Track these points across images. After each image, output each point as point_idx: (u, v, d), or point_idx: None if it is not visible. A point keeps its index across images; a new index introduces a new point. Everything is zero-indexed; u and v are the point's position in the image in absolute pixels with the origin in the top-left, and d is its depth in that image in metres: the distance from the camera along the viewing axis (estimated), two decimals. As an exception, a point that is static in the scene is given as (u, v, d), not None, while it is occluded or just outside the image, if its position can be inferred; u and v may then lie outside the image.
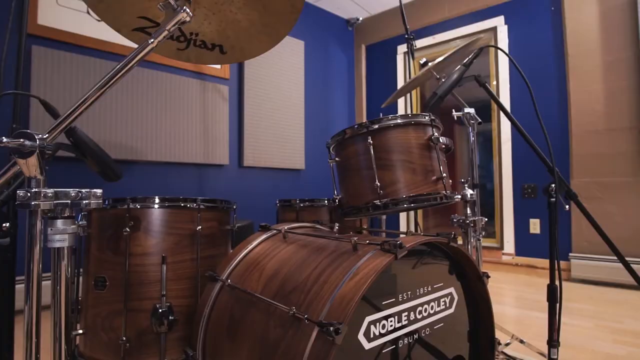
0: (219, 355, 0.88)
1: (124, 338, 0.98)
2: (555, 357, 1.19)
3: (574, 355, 1.51)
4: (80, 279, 1.08)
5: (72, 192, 0.66)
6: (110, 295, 1.01)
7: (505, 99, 3.22)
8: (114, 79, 0.71)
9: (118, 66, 0.71)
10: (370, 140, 1.08)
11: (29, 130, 0.62)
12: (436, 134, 1.11)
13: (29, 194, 0.62)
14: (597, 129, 2.76)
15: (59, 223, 0.66)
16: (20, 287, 0.64)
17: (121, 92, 2.48)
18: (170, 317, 0.99)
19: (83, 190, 0.68)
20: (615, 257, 1.19)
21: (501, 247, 3.23)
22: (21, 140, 0.60)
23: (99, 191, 0.70)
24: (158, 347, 0.98)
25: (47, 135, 0.64)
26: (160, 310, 0.98)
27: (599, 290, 2.53)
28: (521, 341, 1.47)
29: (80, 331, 1.04)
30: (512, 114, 1.31)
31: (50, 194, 0.63)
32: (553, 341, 1.18)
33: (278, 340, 0.72)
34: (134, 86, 2.54)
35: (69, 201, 0.66)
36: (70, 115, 0.68)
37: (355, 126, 1.11)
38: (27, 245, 0.63)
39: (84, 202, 0.67)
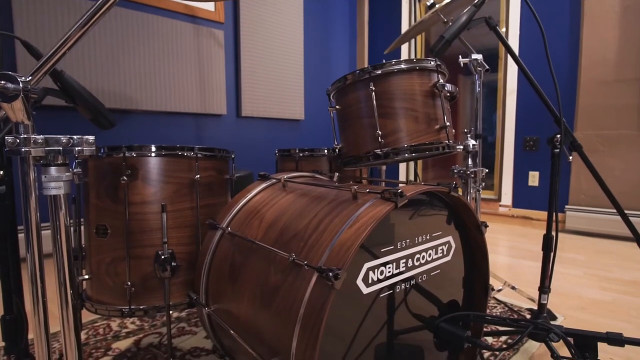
0: (221, 299, 0.91)
1: (129, 283, 1.01)
2: (545, 302, 1.24)
3: (561, 301, 1.58)
4: (82, 227, 1.09)
5: (63, 138, 0.64)
6: (112, 242, 1.02)
7: (514, 47, 3.08)
8: (97, 16, 0.65)
9: (101, 0, 0.65)
10: (372, 87, 1.04)
11: (11, 72, 0.58)
12: (441, 80, 1.06)
13: (17, 140, 0.60)
14: (606, 79, 2.67)
15: (53, 170, 0.64)
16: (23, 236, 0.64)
17: (111, 37, 2.36)
18: (172, 264, 1.01)
19: (74, 137, 0.66)
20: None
21: (499, 199, 3.27)
22: (2, 82, 0.57)
23: (91, 138, 0.67)
24: (162, 291, 1.02)
25: (30, 77, 0.61)
26: (162, 257, 1.00)
27: (591, 241, 2.59)
28: (513, 288, 1.53)
29: (86, 277, 1.07)
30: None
31: (40, 140, 0.61)
32: (544, 287, 1.22)
33: (278, 286, 0.74)
34: (124, 31, 2.41)
35: (61, 148, 0.64)
36: (53, 55, 0.63)
37: (357, 72, 1.06)
38: (23, 193, 0.62)
39: (77, 148, 0.66)
